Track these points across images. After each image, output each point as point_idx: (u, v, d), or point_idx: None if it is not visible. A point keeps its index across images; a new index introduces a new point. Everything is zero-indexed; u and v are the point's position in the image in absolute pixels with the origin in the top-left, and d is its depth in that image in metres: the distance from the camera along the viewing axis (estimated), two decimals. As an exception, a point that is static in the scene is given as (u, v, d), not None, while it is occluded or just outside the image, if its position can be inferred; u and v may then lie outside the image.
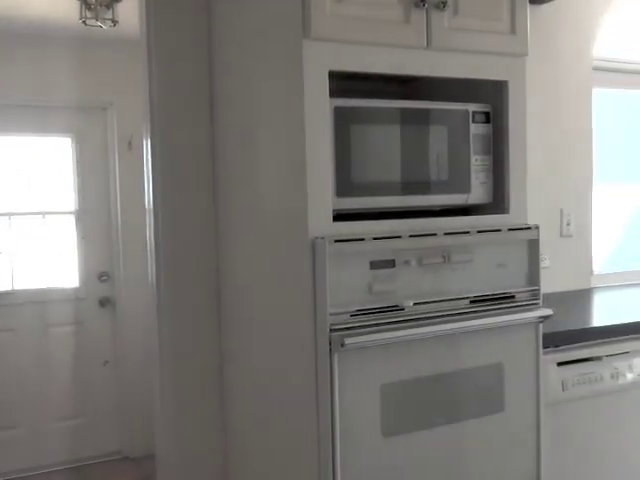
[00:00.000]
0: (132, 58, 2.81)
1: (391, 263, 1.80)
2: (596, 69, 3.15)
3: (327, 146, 1.74)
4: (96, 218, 4.29)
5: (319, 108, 1.72)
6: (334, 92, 1.75)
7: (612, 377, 2.28)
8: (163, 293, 2.23)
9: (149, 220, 2.27)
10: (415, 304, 1.82)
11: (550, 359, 2.15)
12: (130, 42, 2.83)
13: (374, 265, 1.78)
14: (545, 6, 2.90)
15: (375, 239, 1.76)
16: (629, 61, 3.27)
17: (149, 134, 2.22)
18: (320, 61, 1.72)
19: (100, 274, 4.31)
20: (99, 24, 3.28)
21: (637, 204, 3.52)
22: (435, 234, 1.85)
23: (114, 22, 3.30)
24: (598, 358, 2.26)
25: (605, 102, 3.25)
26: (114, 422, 4.33)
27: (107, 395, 4.31)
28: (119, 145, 4.25)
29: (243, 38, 2.04)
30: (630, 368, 2.32)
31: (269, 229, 1.95)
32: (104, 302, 4.31)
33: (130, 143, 4.19)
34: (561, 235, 3.07)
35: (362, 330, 1.74)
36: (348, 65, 1.78)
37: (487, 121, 2.00)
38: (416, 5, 1.83)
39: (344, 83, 1.86)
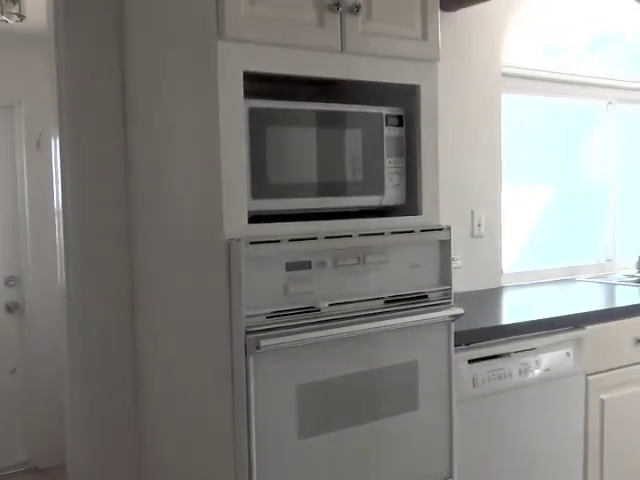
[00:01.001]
0: (41, 55, 2.71)
1: (307, 264, 1.81)
2: (505, 75, 3.25)
3: (242, 147, 1.73)
4: (2, 219, 4.11)
5: (234, 109, 1.71)
6: (250, 93, 1.74)
7: (520, 373, 2.36)
8: (73, 297, 2.16)
9: (58, 222, 2.19)
10: (331, 305, 1.83)
11: (461, 357, 2.21)
12: (39, 38, 2.73)
13: (290, 266, 1.78)
14: (457, 13, 2.98)
15: (291, 240, 1.77)
16: (535, 68, 3.41)
17: (57, 133, 2.15)
18: (235, 62, 1.71)
19: (7, 278, 4.13)
20: (4, 18, 3.14)
21: (542, 205, 3.67)
22: (350, 235, 1.87)
23: (21, 17, 3.18)
24: (507, 355, 2.34)
25: (513, 107, 3.37)
26: (22, 432, 4.16)
27: (15, 404, 4.13)
28: (27, 144, 4.09)
29: (156, 38, 2.00)
30: (537, 364, 2.41)
31: (184, 231, 1.92)
32: (12, 307, 4.14)
33: (38, 142, 4.04)
34: (472, 236, 3.16)
35: (278, 332, 1.73)
36: (263, 66, 1.77)
37: (400, 124, 2.04)
38: (330, 9, 1.85)
39: (261, 85, 1.85)
